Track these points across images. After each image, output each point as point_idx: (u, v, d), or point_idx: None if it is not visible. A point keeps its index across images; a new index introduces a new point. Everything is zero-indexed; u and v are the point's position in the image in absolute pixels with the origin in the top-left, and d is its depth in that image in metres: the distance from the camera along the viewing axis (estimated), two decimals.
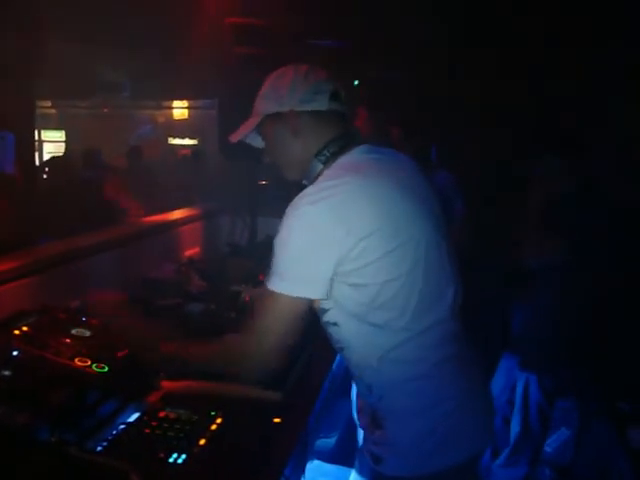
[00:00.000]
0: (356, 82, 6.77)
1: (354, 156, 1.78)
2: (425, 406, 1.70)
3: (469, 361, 1.83)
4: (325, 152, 1.79)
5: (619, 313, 3.50)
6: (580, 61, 5.32)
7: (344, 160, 1.78)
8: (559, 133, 3.80)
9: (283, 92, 1.80)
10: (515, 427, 3.47)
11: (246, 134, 1.91)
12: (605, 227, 3.18)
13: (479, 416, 1.82)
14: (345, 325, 1.71)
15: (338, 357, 2.50)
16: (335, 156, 1.79)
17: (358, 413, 1.90)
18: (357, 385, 1.85)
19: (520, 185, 3.70)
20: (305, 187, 1.74)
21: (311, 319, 1.82)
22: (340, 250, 1.60)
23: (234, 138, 1.93)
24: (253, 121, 1.88)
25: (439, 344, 1.73)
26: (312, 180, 1.80)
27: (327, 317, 1.74)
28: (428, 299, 1.70)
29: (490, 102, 5.61)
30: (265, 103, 1.85)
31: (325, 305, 1.71)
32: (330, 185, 1.65)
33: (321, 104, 1.80)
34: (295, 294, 1.63)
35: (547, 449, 3.46)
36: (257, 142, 1.96)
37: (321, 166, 1.80)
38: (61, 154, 10.75)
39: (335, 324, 1.73)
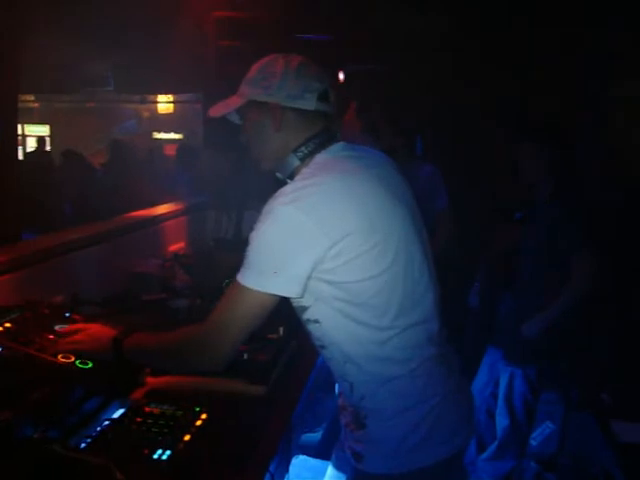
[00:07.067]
0: (341, 77, 6.77)
1: (331, 153, 1.76)
2: (408, 405, 1.70)
3: (450, 359, 1.83)
4: (303, 149, 1.76)
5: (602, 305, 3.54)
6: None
7: (321, 158, 1.75)
8: (540, 120, 3.82)
9: (272, 83, 1.75)
10: (502, 421, 3.48)
11: (226, 113, 1.87)
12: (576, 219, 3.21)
13: (460, 413, 1.82)
14: (326, 322, 1.69)
15: None
16: (313, 153, 1.76)
17: (340, 411, 1.89)
18: (339, 384, 1.84)
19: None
20: (282, 182, 1.74)
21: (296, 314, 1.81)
22: (318, 250, 1.58)
23: (213, 112, 1.87)
24: (236, 101, 1.83)
25: (422, 344, 1.73)
26: (287, 175, 1.78)
27: (307, 314, 1.72)
28: (410, 297, 1.70)
29: (477, 93, 5.62)
30: (252, 88, 1.80)
31: (305, 302, 1.69)
32: (306, 185, 1.63)
33: (308, 103, 1.76)
34: (267, 290, 1.60)
35: (532, 442, 3.48)
36: (235, 118, 1.92)
37: (298, 162, 1.77)
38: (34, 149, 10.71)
39: (316, 321, 1.71)
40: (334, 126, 1.83)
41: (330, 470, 2.16)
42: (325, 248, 1.58)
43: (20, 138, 11.63)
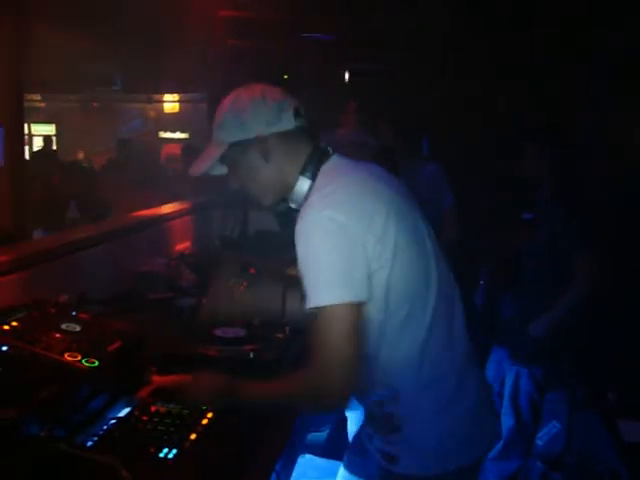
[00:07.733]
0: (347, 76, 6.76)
1: (334, 162, 1.75)
2: (443, 406, 1.69)
3: (474, 358, 1.83)
4: (310, 167, 1.72)
5: (607, 305, 3.53)
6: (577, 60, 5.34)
7: (327, 167, 1.73)
8: (541, 120, 3.83)
9: (245, 117, 1.71)
10: (508, 421, 3.47)
11: (209, 167, 1.80)
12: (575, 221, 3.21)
13: (490, 416, 1.84)
14: (370, 330, 1.63)
15: None
16: (317, 169, 1.72)
17: (365, 421, 1.86)
18: (376, 394, 1.75)
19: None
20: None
21: (303, 312, 1.80)
22: (367, 248, 1.55)
23: (195, 171, 1.82)
24: (215, 152, 1.77)
25: (454, 341, 1.72)
26: (303, 199, 1.71)
27: None
28: (436, 295, 1.69)
29: (478, 93, 5.62)
30: (226, 131, 1.75)
31: None
32: (330, 192, 1.61)
33: (288, 123, 1.72)
34: (343, 300, 1.53)
35: (538, 442, 3.48)
36: (219, 170, 1.85)
37: (309, 182, 1.71)
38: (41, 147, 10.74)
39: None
40: (322, 143, 1.80)
41: (342, 472, 2.14)
42: (372, 244, 1.56)
43: (27, 137, 11.64)
